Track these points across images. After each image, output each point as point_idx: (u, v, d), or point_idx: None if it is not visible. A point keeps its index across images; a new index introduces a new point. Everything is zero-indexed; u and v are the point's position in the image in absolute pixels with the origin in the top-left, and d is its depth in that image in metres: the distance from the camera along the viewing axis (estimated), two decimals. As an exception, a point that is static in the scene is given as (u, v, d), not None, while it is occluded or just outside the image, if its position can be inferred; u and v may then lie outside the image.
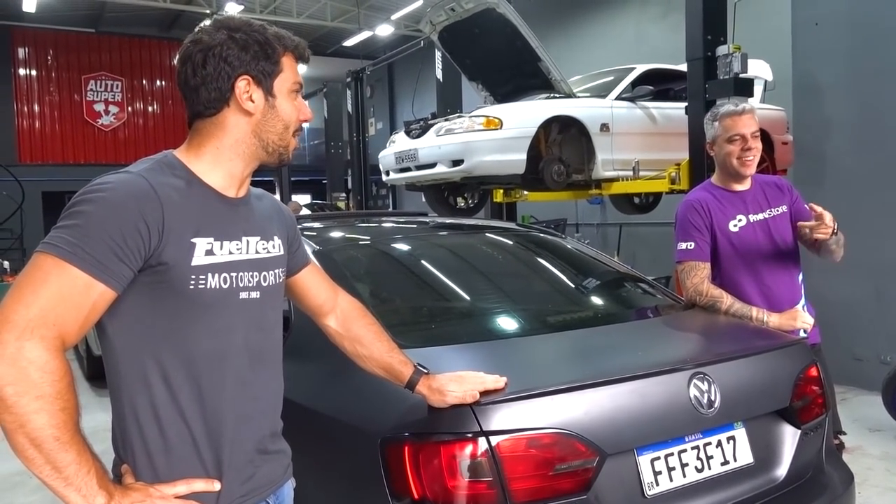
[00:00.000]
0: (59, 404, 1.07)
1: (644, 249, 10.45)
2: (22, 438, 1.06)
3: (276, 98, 1.32)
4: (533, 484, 1.61)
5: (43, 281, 1.11)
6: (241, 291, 1.31)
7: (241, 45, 1.28)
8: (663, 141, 6.56)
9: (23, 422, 1.05)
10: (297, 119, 1.37)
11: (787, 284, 2.62)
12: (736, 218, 2.60)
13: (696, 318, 2.55)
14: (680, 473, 1.81)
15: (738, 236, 2.59)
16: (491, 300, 2.55)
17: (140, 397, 1.23)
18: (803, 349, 2.23)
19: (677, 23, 7.18)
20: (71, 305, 1.12)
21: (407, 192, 13.41)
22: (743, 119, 2.57)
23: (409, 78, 14.92)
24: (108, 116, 18.90)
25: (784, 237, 2.62)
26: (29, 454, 1.07)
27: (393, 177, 6.91)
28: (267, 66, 1.31)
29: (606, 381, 1.75)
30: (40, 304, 1.09)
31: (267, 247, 1.39)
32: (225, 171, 1.33)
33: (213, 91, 1.29)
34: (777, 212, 2.64)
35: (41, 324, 1.08)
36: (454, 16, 6.49)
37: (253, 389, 1.35)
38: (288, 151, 1.37)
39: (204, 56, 1.28)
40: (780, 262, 2.61)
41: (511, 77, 6.86)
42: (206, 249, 1.25)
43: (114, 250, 1.14)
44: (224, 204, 1.32)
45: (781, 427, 2.07)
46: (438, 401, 1.59)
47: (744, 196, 2.64)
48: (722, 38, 5.53)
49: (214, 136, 1.31)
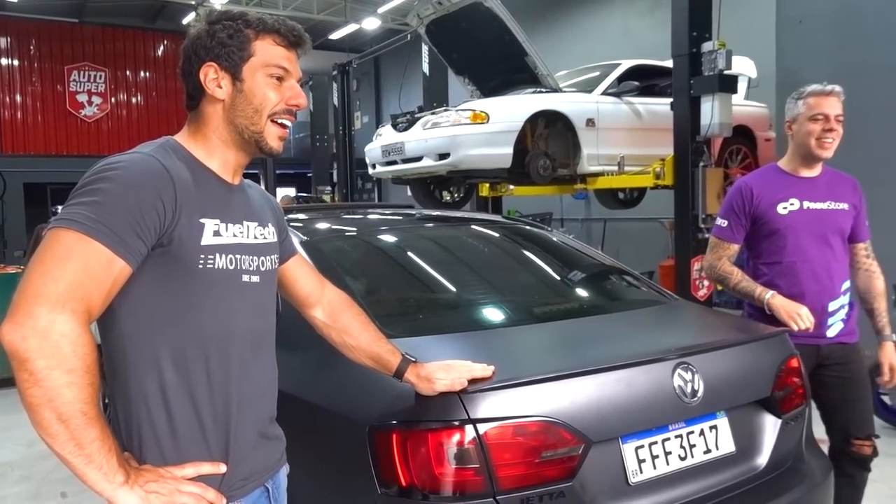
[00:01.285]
0: (87, 378, 1.08)
1: (628, 244, 10.52)
2: (48, 413, 1.05)
3: (244, 82, 1.31)
4: (519, 471, 1.63)
5: (67, 256, 1.10)
6: (244, 274, 1.32)
7: (210, 35, 1.31)
8: (648, 136, 6.61)
9: (52, 396, 1.05)
10: (281, 103, 1.34)
11: (831, 275, 2.57)
12: (788, 201, 2.57)
13: (681, 310, 2.58)
14: (663, 461, 1.84)
15: (784, 219, 2.56)
16: (478, 291, 2.57)
17: (148, 380, 1.23)
18: (784, 341, 2.26)
19: (663, 18, 7.23)
20: (96, 280, 1.11)
21: (392, 186, 13.39)
22: (830, 100, 2.53)
23: (396, 71, 14.89)
24: (91, 107, 18.68)
25: (838, 232, 2.59)
26: (53, 430, 1.06)
27: (379, 170, 6.92)
28: (232, 51, 1.30)
29: (592, 370, 1.77)
30: (67, 279, 1.09)
31: (264, 233, 1.41)
32: (219, 158, 1.35)
33: (190, 84, 1.34)
34: (838, 206, 2.59)
35: (71, 297, 1.08)
36: (441, 9, 6.50)
37: (254, 373, 1.36)
38: (264, 138, 1.34)
39: (185, 52, 1.34)
40: (827, 253, 2.57)
41: (498, 71, 6.88)
42: (213, 230, 1.26)
43: (132, 227, 1.14)
44: (225, 188, 1.34)
45: (762, 417, 2.11)
46: (427, 388, 1.61)
47: (808, 182, 2.60)
48: (707, 34, 5.59)
49: (201, 124, 1.35)
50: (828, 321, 2.56)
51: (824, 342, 2.56)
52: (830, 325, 2.57)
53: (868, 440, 2.57)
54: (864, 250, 2.68)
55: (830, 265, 2.57)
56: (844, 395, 2.57)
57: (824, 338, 2.56)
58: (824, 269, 2.56)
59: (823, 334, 2.56)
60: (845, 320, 2.59)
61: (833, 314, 2.57)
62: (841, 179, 2.66)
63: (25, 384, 1.05)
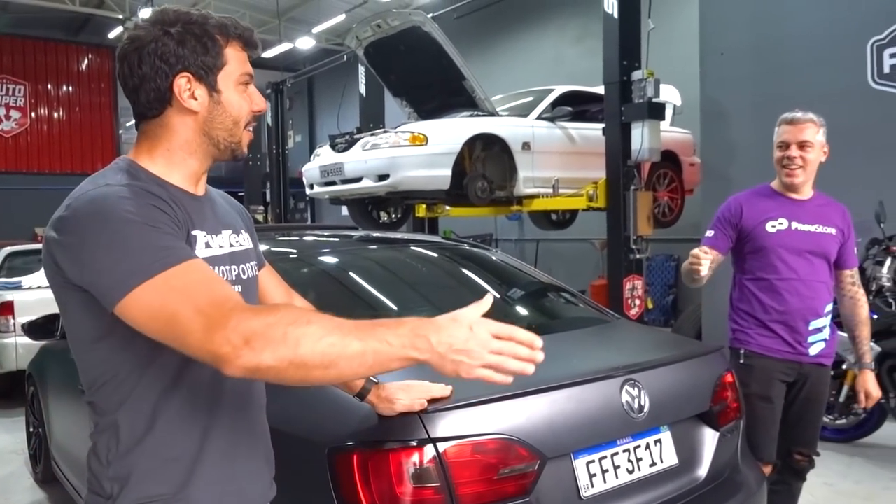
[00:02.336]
0: (324, 317, 1.05)
1: (560, 264, 10.76)
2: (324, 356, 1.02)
3: (221, 93, 1.26)
4: (479, 488, 1.66)
5: (181, 282, 1.07)
6: None
7: (178, 41, 1.22)
8: (582, 160, 6.81)
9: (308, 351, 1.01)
10: (249, 111, 1.31)
11: (814, 295, 2.63)
12: (777, 220, 2.64)
13: (623, 328, 2.68)
14: (613, 475, 1.91)
15: (772, 238, 2.63)
16: (431, 313, 2.59)
17: (145, 403, 1.19)
18: (721, 357, 2.38)
19: (592, 47, 7.48)
20: (212, 278, 1.12)
21: (326, 206, 13.29)
22: (794, 128, 2.59)
23: (330, 91, 14.84)
24: (8, 122, 17.85)
25: (824, 255, 2.65)
26: (353, 349, 1.02)
27: (318, 190, 6.88)
28: (208, 60, 1.24)
29: (545, 388, 1.82)
30: (201, 291, 1.07)
31: (239, 240, 1.37)
32: (182, 171, 1.28)
33: (152, 91, 1.23)
34: (826, 230, 2.64)
35: (221, 302, 1.05)
36: (380, 32, 6.56)
37: (247, 394, 1.34)
38: (241, 146, 1.32)
39: (139, 55, 1.22)
40: (811, 274, 2.63)
41: (435, 94, 6.98)
42: (204, 242, 1.24)
43: (163, 232, 1.12)
44: (196, 201, 1.29)
45: (702, 430, 2.21)
46: (387, 409, 1.62)
47: (798, 204, 2.66)
48: (637, 63, 5.83)
49: (163, 137, 1.26)
50: (809, 339, 2.64)
51: (806, 360, 2.65)
52: (812, 343, 2.65)
53: (808, 455, 2.73)
54: (850, 277, 2.75)
55: (814, 285, 2.63)
56: (804, 415, 2.70)
57: (807, 356, 2.65)
58: (808, 288, 2.62)
59: (806, 352, 2.65)
60: (827, 341, 2.69)
61: (815, 333, 2.65)
62: (831, 205, 2.73)
63: (286, 374, 1.02)
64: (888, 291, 4.40)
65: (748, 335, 2.70)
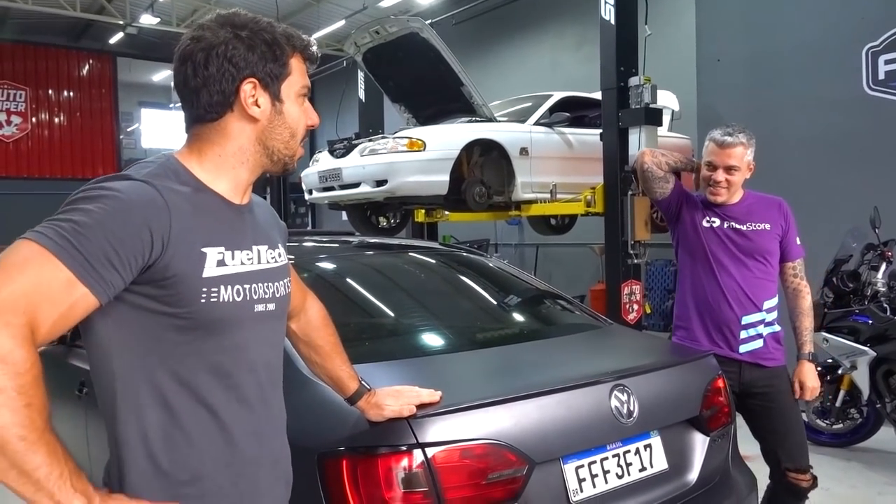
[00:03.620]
0: (22, 400, 0.96)
1: (560, 269, 10.77)
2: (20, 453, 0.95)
3: (283, 103, 1.24)
4: (467, 493, 1.67)
5: (20, 266, 1.01)
6: (257, 304, 1.24)
7: (248, 45, 1.19)
8: (579, 165, 6.82)
9: (14, 432, 0.94)
10: (305, 125, 1.29)
11: (747, 292, 2.66)
12: (711, 218, 2.72)
13: (615, 334, 2.69)
14: (602, 480, 1.92)
15: (706, 233, 2.70)
16: (424, 318, 2.62)
17: (139, 420, 1.15)
18: (710, 363, 2.40)
19: (590, 53, 7.51)
20: (46, 298, 1.01)
21: (326, 211, 13.31)
22: (724, 152, 2.63)
23: (329, 96, 14.88)
24: (9, 127, 17.89)
25: (759, 252, 2.68)
26: (26, 460, 0.96)
27: (316, 195, 6.90)
28: (275, 69, 1.22)
29: (534, 393, 1.84)
30: (11, 289, 0.99)
31: (274, 255, 1.31)
32: (230, 179, 1.24)
33: (215, 94, 1.19)
34: (760, 227, 2.69)
35: (9, 309, 0.98)
36: (378, 38, 6.58)
37: (273, 410, 1.32)
38: (293, 161, 1.29)
39: (206, 55, 1.18)
40: (744, 271, 2.67)
41: (434, 100, 6.99)
42: (217, 260, 1.17)
43: (108, 255, 1.05)
44: (232, 212, 1.24)
45: (692, 435, 2.22)
46: (376, 415, 1.64)
47: (727, 208, 2.73)
48: (634, 69, 5.84)
49: (217, 142, 1.23)
50: (740, 334, 2.65)
51: (738, 357, 2.65)
52: (743, 339, 2.66)
53: (804, 472, 2.64)
54: (791, 269, 2.77)
55: (748, 282, 2.67)
56: (773, 427, 2.67)
57: (737, 353, 2.65)
58: (740, 285, 2.66)
59: (736, 348, 2.66)
60: (764, 339, 2.68)
61: (747, 328, 2.66)
62: (765, 201, 2.77)
63: None
64: (883, 296, 4.42)
65: (683, 329, 2.77)
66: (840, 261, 4.68)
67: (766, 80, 5.77)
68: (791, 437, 2.68)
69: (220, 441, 1.21)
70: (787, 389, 2.72)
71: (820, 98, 5.36)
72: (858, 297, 4.53)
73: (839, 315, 4.52)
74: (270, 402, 1.31)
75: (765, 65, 5.81)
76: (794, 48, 5.69)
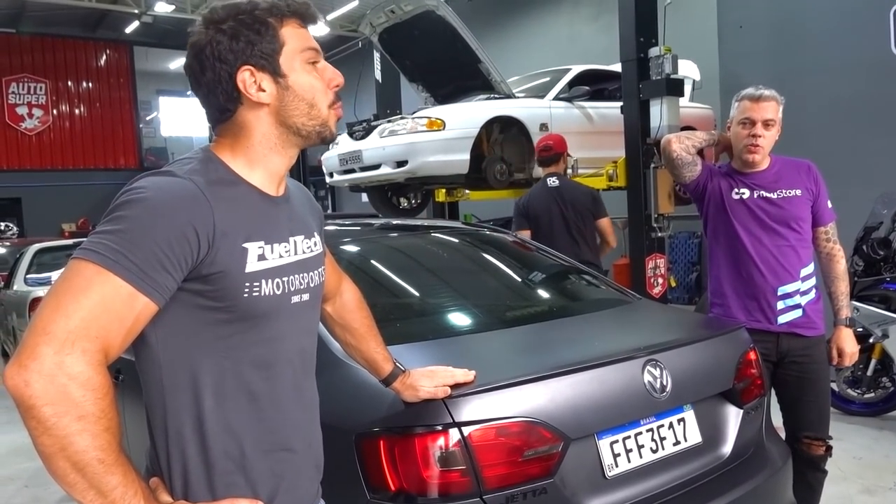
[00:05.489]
0: (102, 424, 1.00)
1: (582, 244, 10.69)
2: (63, 462, 0.99)
3: (287, 77, 1.21)
4: (503, 470, 1.69)
5: (84, 289, 1.02)
6: (293, 296, 1.24)
7: (231, 35, 1.18)
8: (600, 139, 6.75)
9: (64, 444, 0.98)
10: (325, 88, 1.25)
11: (782, 261, 2.62)
12: (741, 189, 2.68)
13: (645, 309, 2.69)
14: (637, 455, 1.93)
15: (736, 205, 2.67)
16: (453, 298, 2.63)
17: (185, 413, 1.17)
18: (742, 335, 2.38)
19: (608, 23, 7.40)
20: (114, 317, 1.03)
21: (347, 194, 13.34)
22: (759, 105, 2.59)
23: (346, 78, 14.75)
24: (31, 120, 18.13)
25: (792, 219, 2.64)
26: (71, 479, 0.99)
27: (337, 178, 6.92)
28: (264, 47, 1.19)
29: (568, 370, 1.84)
30: (81, 315, 1.01)
31: (310, 245, 1.31)
32: (264, 169, 1.24)
33: (220, 95, 1.20)
34: (790, 193, 2.65)
35: (83, 335, 1.00)
36: (394, 17, 6.54)
37: (306, 396, 1.34)
38: (328, 127, 1.26)
39: (199, 62, 1.19)
40: (778, 240, 2.63)
41: (451, 78, 6.95)
42: (258, 255, 1.17)
43: (159, 259, 1.06)
44: (269, 204, 1.24)
45: (725, 408, 2.22)
46: (411, 396, 1.66)
47: (757, 175, 2.68)
48: (653, 40, 5.76)
49: (241, 136, 1.23)
50: (777, 305, 2.62)
51: (776, 329, 2.62)
52: (781, 310, 2.63)
53: (819, 441, 2.63)
54: (824, 234, 2.71)
55: (782, 250, 2.63)
56: (801, 395, 2.65)
57: (775, 324, 2.62)
58: (774, 255, 2.62)
59: (774, 320, 2.63)
60: (803, 308, 2.64)
61: (784, 298, 2.62)
62: (793, 166, 2.72)
63: (35, 432, 0.98)
64: (915, 262, 4.35)
65: (719, 306, 2.74)
66: (870, 228, 4.61)
67: (790, 46, 5.66)
68: (815, 406, 2.66)
69: (261, 429, 1.23)
70: (824, 359, 2.69)
71: (845, 61, 5.25)
72: (889, 265, 4.47)
73: (870, 283, 4.47)
74: (304, 388, 1.32)
75: (788, 29, 5.70)
76: (819, 11, 5.57)
